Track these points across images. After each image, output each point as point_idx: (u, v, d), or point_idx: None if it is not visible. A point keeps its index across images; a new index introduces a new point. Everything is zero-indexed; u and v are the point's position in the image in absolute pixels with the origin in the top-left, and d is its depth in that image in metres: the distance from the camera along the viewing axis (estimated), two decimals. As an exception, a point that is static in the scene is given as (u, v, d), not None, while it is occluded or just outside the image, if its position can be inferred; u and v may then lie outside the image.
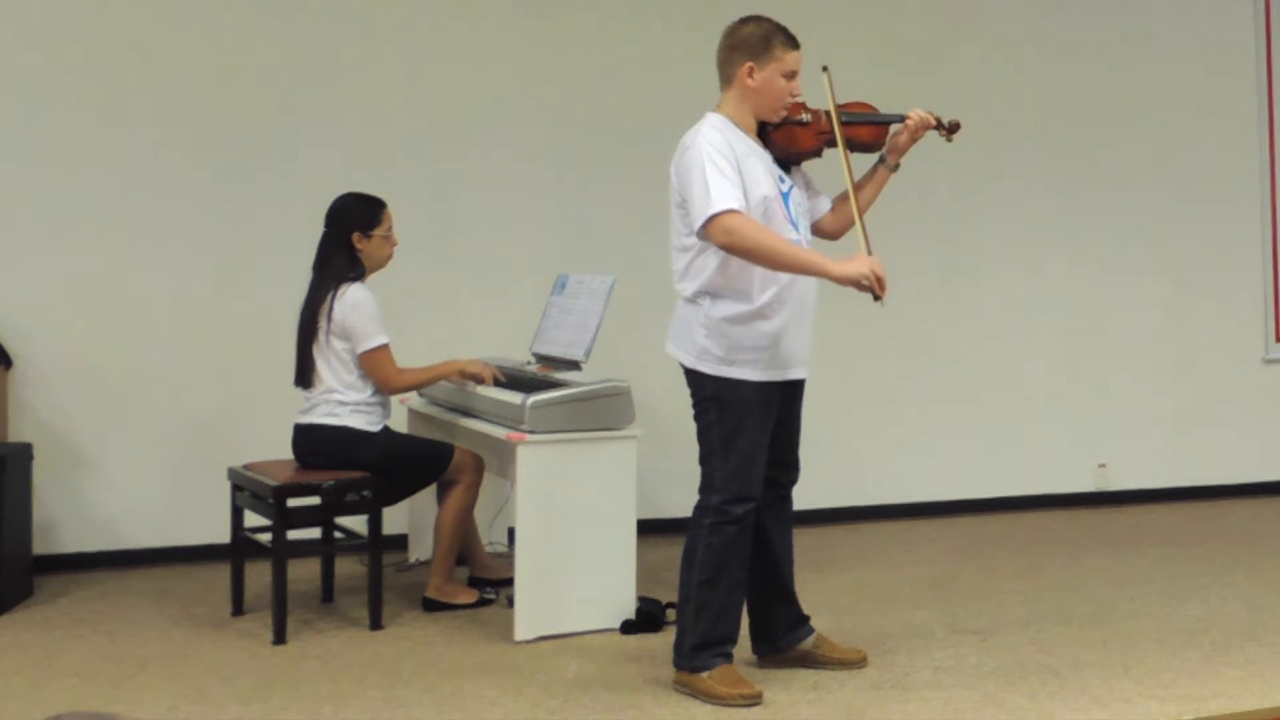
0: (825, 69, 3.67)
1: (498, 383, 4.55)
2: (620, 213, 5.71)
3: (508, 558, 4.88)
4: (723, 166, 3.48)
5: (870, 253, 3.52)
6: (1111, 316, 6.52)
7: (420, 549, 5.15)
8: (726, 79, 3.67)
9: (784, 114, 3.67)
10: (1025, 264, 6.40)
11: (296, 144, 5.41)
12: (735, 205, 3.45)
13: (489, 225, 5.66)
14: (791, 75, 3.63)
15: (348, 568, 4.98)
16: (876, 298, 3.48)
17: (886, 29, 6.18)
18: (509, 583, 4.50)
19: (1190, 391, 6.62)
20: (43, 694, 3.66)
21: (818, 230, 3.84)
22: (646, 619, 4.25)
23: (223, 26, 5.35)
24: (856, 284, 3.47)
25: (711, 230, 3.45)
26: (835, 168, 3.72)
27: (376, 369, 4.41)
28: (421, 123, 5.58)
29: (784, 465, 3.78)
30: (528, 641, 4.12)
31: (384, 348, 4.41)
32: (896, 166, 3.83)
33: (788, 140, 3.70)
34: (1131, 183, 6.55)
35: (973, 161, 6.18)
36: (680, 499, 4.12)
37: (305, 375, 4.46)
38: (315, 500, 4.29)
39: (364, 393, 4.43)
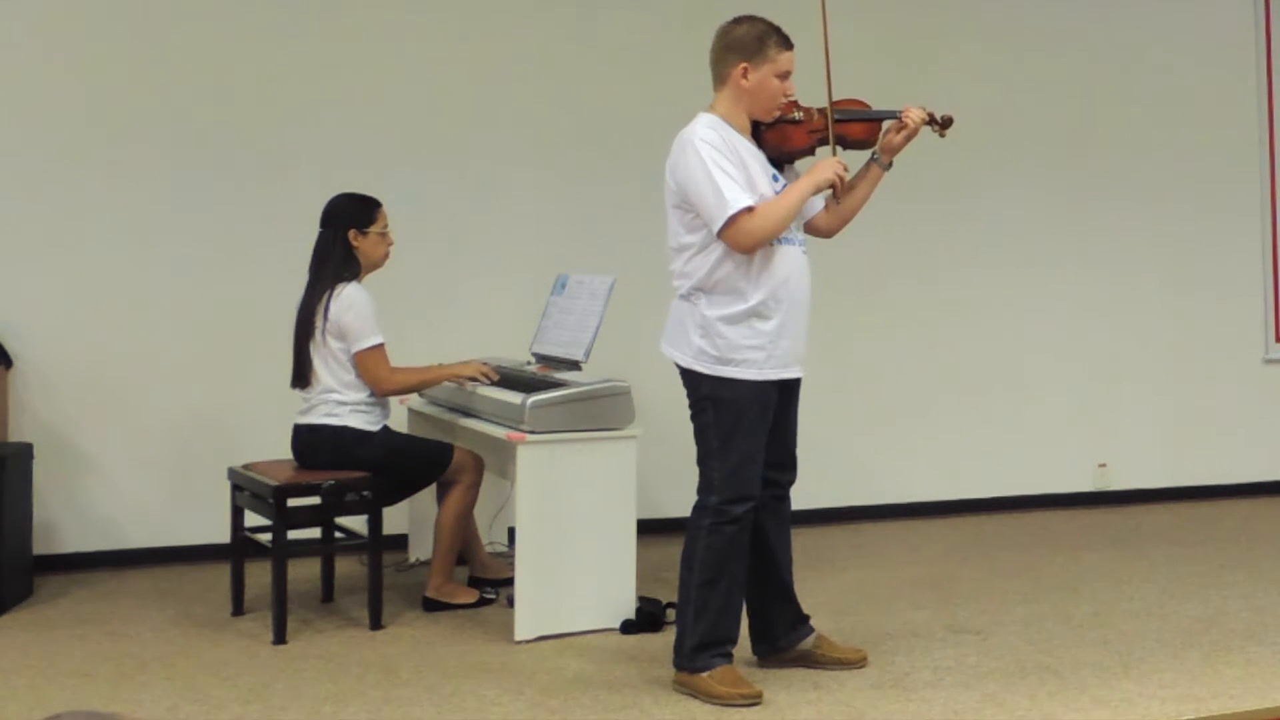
0: None
1: (492, 380, 4.55)
2: (620, 213, 5.71)
3: (508, 558, 4.88)
4: (725, 165, 3.49)
5: (835, 153, 3.68)
6: (1111, 316, 6.52)
7: (420, 549, 5.15)
8: (720, 79, 3.66)
9: (777, 114, 3.67)
10: (1025, 264, 6.40)
11: (294, 144, 5.41)
12: (750, 202, 3.47)
13: (489, 225, 5.66)
14: (785, 76, 3.63)
15: (348, 568, 4.98)
16: (836, 196, 3.69)
17: (882, 27, 6.17)
18: (509, 583, 4.50)
19: (1190, 391, 6.62)
20: (43, 694, 3.66)
21: (811, 228, 3.83)
22: (646, 619, 4.25)
23: (221, 28, 5.35)
24: (831, 186, 3.65)
25: (732, 236, 3.48)
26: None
27: (370, 369, 4.40)
28: (421, 123, 5.58)
29: (782, 465, 3.77)
30: (528, 641, 4.12)
31: (379, 348, 4.40)
32: (889, 165, 3.82)
33: (781, 140, 3.71)
34: (1131, 182, 6.55)
35: (972, 161, 6.18)
36: (680, 499, 4.12)
37: (303, 375, 4.46)
38: (315, 500, 4.29)
39: (362, 393, 4.43)
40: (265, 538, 4.38)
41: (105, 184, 5.21)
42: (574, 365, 4.61)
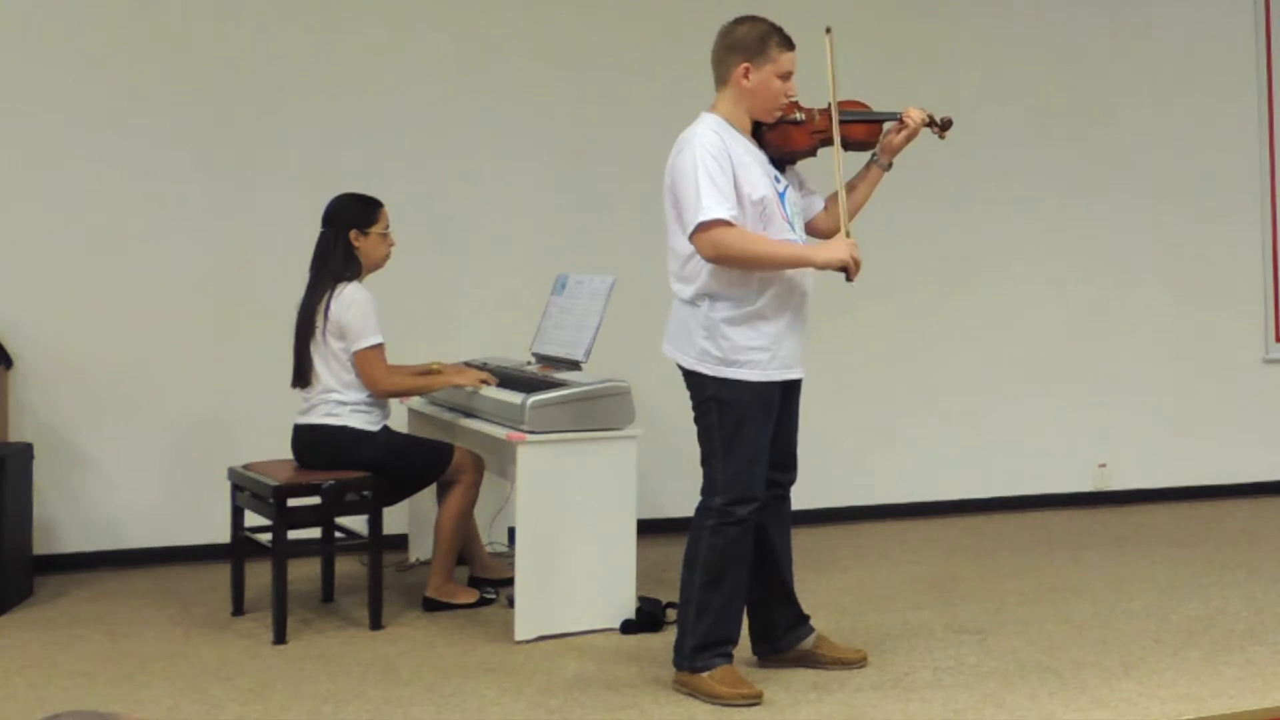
0: (829, 30, 3.66)
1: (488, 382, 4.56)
2: (620, 213, 5.71)
3: (508, 558, 4.88)
4: (715, 174, 3.48)
5: (848, 234, 3.61)
6: (1111, 316, 6.52)
7: (420, 549, 5.15)
8: (722, 79, 3.66)
9: (778, 114, 3.67)
10: (1025, 264, 6.40)
11: (296, 144, 5.41)
12: (725, 215, 3.45)
13: (489, 225, 5.66)
14: (787, 76, 3.62)
15: (348, 568, 4.98)
16: (849, 279, 3.60)
17: (885, 29, 6.17)
18: (509, 583, 4.50)
19: (1190, 391, 6.61)
20: (43, 694, 3.66)
21: (812, 229, 3.84)
22: (646, 619, 4.25)
23: (222, 25, 5.35)
24: (839, 268, 3.56)
25: (699, 241, 3.48)
26: (829, 166, 3.73)
27: (367, 369, 4.40)
28: (422, 123, 5.57)
29: (782, 465, 3.77)
30: (528, 641, 4.12)
31: (377, 348, 4.40)
32: (889, 165, 3.82)
33: (782, 140, 3.71)
34: (1132, 183, 6.55)
35: (973, 161, 6.18)
36: (680, 499, 4.13)
37: (303, 375, 4.46)
38: (315, 500, 4.29)
39: (362, 393, 4.43)
40: (265, 538, 4.38)
41: (106, 184, 5.21)
42: (574, 365, 4.61)
